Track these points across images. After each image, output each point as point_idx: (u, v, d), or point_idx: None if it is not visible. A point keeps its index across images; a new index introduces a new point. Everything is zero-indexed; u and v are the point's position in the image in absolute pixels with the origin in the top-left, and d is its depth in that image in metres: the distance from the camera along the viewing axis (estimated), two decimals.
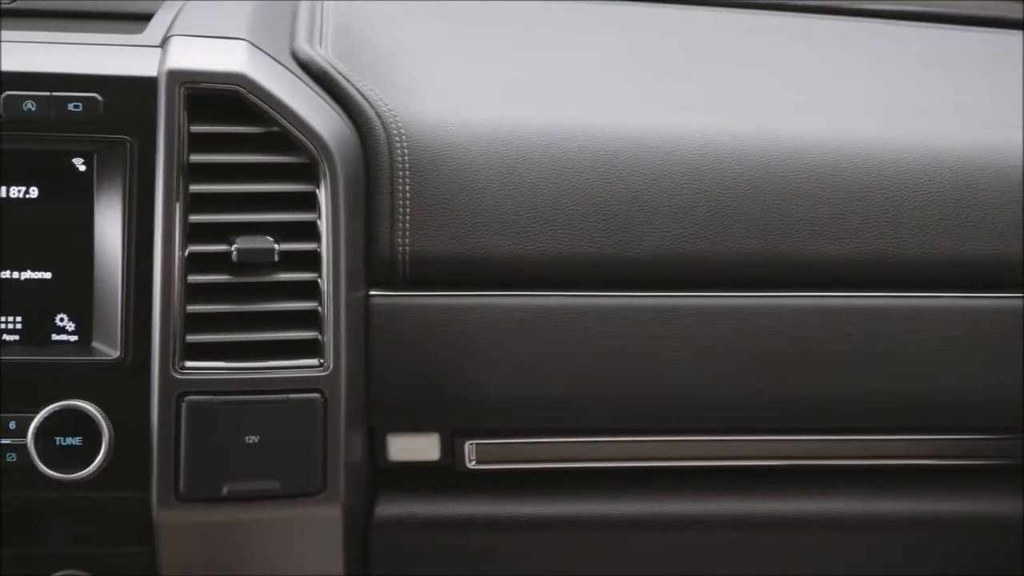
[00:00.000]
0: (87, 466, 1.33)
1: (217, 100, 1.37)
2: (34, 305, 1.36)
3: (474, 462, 1.46)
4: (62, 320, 1.37)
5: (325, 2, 1.70)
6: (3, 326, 1.36)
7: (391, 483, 1.47)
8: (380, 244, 1.42)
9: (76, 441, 1.33)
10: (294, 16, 1.64)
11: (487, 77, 1.59)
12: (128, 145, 1.35)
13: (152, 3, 1.61)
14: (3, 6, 1.61)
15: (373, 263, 1.42)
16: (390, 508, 1.45)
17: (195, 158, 1.36)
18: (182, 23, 1.46)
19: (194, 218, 1.36)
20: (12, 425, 1.33)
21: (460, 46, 1.67)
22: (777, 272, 1.46)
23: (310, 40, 1.54)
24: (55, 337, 1.36)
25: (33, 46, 1.41)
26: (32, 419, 1.32)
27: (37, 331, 1.36)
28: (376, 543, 1.45)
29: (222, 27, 1.46)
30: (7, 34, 1.43)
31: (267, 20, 1.56)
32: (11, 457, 1.33)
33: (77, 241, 1.36)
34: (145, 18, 1.60)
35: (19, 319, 1.36)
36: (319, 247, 1.37)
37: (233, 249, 1.35)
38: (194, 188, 1.36)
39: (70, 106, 1.35)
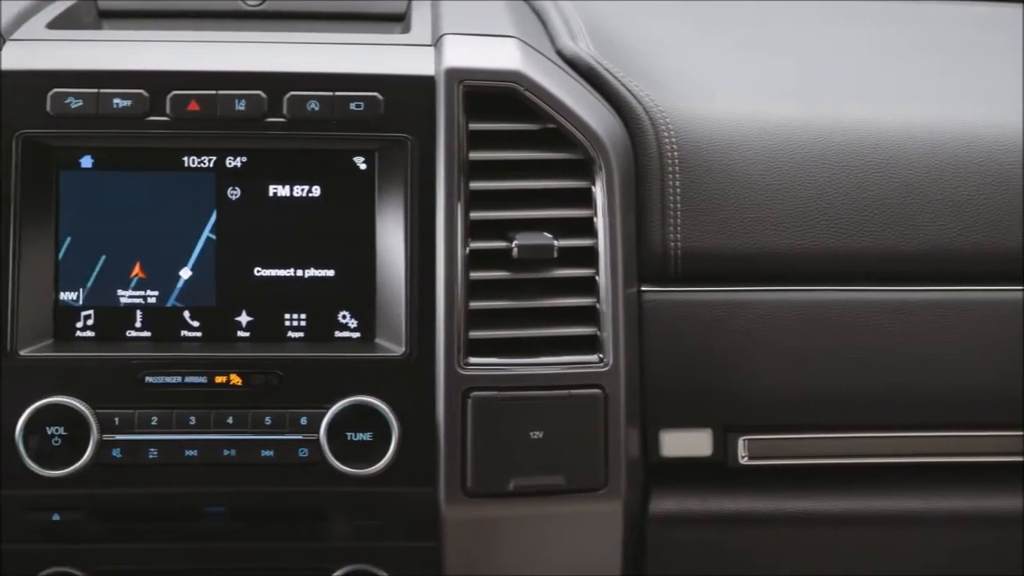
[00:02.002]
0: (377, 462, 1.33)
1: (492, 98, 1.38)
2: (318, 302, 1.37)
3: (746, 458, 1.45)
4: (344, 317, 1.38)
5: (564, 1, 1.70)
6: (289, 323, 1.38)
7: (662, 479, 1.46)
8: (652, 240, 1.42)
9: (367, 437, 1.33)
10: (541, 14, 1.64)
11: (743, 72, 1.58)
12: (409, 143, 1.36)
13: (397, 3, 1.63)
14: (251, 8, 1.63)
15: (645, 259, 1.42)
16: (665, 504, 1.45)
17: (474, 155, 1.37)
18: (449, 22, 1.47)
19: (475, 215, 1.36)
20: (303, 421, 1.34)
21: (710, 42, 1.67)
22: None
23: (572, 37, 1.54)
24: (338, 334, 1.37)
25: (308, 47, 1.42)
26: (324, 415, 1.33)
27: (321, 328, 1.37)
28: (651, 539, 1.45)
29: (489, 25, 1.47)
30: (278, 35, 1.45)
31: (522, 18, 1.56)
32: (303, 453, 1.33)
33: (359, 239, 1.37)
34: (392, 18, 1.61)
35: (304, 316, 1.37)
36: (596, 243, 1.37)
37: (514, 246, 1.35)
38: (474, 185, 1.37)
39: (352, 105, 1.36)
